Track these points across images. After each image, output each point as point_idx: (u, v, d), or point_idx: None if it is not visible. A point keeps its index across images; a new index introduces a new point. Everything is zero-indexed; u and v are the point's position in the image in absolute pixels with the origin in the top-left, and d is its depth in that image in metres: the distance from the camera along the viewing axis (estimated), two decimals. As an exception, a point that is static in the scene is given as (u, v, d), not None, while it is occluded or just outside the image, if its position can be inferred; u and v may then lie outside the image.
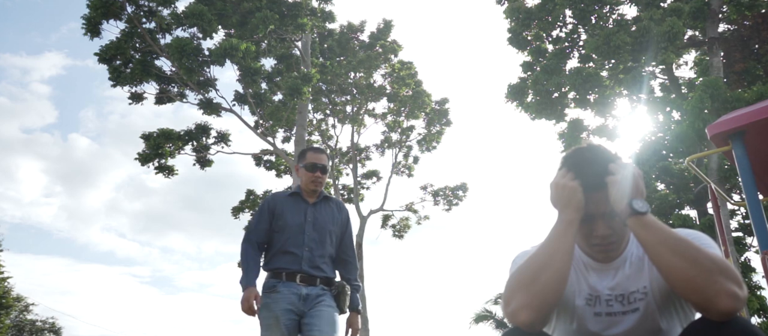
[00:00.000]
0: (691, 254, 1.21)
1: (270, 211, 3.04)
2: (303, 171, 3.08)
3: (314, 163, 3.06)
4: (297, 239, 2.94)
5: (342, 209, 3.16)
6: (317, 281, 2.91)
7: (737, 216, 12.99)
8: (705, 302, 1.18)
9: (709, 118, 8.91)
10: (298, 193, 3.11)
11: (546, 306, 1.27)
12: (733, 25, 12.40)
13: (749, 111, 2.83)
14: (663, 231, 1.26)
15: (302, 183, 3.09)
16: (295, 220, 2.99)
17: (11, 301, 23.06)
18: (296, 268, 2.89)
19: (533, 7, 12.33)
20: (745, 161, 2.80)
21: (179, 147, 12.82)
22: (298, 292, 2.86)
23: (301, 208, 3.05)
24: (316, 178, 3.04)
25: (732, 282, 1.18)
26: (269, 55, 14.10)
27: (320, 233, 2.99)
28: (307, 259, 2.92)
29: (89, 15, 11.48)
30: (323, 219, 3.04)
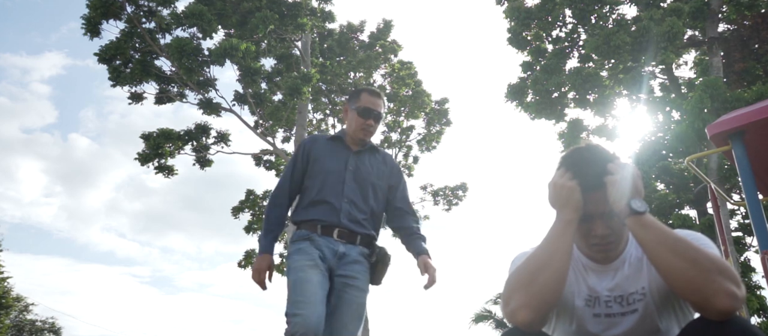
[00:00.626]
0: (690, 254, 1.22)
1: (306, 153, 2.63)
2: (353, 115, 2.63)
3: (369, 109, 2.61)
4: (335, 188, 2.52)
5: (388, 161, 2.74)
6: (357, 239, 2.50)
7: (737, 216, 12.99)
8: (703, 302, 1.19)
9: (708, 118, 8.91)
10: (341, 139, 2.67)
11: (545, 305, 1.28)
12: (732, 25, 12.40)
13: (749, 111, 2.83)
14: (661, 231, 1.26)
15: (349, 128, 2.65)
16: (335, 167, 2.57)
17: (11, 301, 23.06)
18: (334, 220, 2.47)
19: (533, 7, 12.33)
20: (744, 161, 2.80)
21: (179, 147, 12.82)
22: (335, 249, 2.46)
23: (343, 155, 2.63)
24: (367, 126, 2.61)
25: (730, 281, 1.18)
26: (269, 55, 14.10)
27: (361, 186, 2.57)
28: (347, 212, 2.50)
29: (89, 15, 11.48)
30: (366, 170, 2.62)
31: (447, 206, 18.65)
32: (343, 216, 2.48)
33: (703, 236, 1.37)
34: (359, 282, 2.46)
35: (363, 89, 2.69)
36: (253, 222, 14.92)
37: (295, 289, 2.28)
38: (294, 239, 2.49)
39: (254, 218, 14.95)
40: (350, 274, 2.44)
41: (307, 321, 2.19)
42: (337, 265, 2.44)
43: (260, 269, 2.43)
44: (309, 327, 2.18)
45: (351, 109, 2.65)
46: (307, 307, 2.22)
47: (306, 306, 2.22)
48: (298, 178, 2.61)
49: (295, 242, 2.47)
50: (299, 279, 2.30)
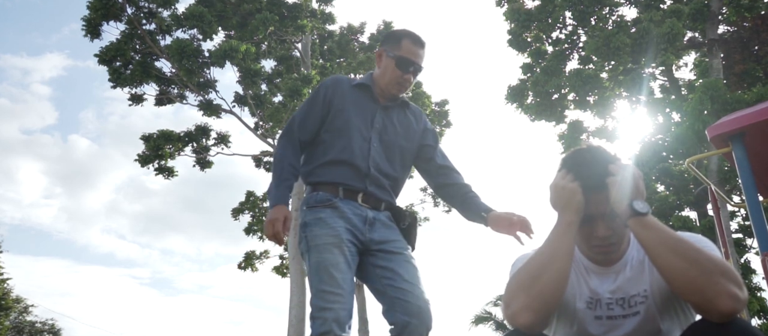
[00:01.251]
0: (692, 255, 1.21)
1: (327, 101, 2.17)
2: (390, 63, 2.16)
3: (409, 60, 2.15)
4: (361, 149, 2.11)
5: (421, 119, 2.32)
6: (382, 206, 2.13)
7: (737, 217, 12.98)
8: (705, 303, 1.19)
9: (709, 119, 8.91)
10: (369, 87, 2.22)
11: (546, 307, 1.28)
12: (732, 26, 12.40)
13: (749, 112, 2.83)
14: (664, 232, 1.26)
15: (381, 78, 2.19)
16: (360, 122, 2.15)
17: (11, 303, 23.05)
18: (359, 185, 2.08)
19: (533, 8, 12.34)
20: (745, 163, 2.80)
21: (179, 148, 12.82)
22: (363, 215, 2.06)
23: (369, 108, 2.19)
24: (404, 80, 2.16)
25: (733, 283, 1.18)
26: (269, 56, 14.11)
27: (388, 148, 2.18)
28: (374, 178, 2.11)
29: (89, 16, 11.50)
30: (394, 130, 2.20)
31: (447, 208, 18.64)
32: (370, 182, 2.10)
33: (705, 239, 1.37)
34: (402, 244, 2.11)
35: (405, 34, 2.20)
36: (253, 223, 14.92)
37: (321, 275, 1.92)
38: (311, 204, 2.07)
39: (254, 220, 14.95)
40: (390, 238, 2.09)
41: (340, 317, 1.88)
42: (369, 231, 2.06)
43: (276, 219, 1.99)
44: (342, 322, 1.88)
45: (387, 56, 2.17)
46: (338, 300, 1.89)
47: (336, 298, 1.89)
48: (313, 126, 2.16)
49: (314, 209, 2.05)
50: (325, 262, 1.93)
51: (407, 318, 1.95)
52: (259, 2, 12.15)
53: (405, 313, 1.96)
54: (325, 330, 1.86)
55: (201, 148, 13.14)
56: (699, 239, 1.35)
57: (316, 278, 1.93)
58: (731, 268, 1.23)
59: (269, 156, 14.70)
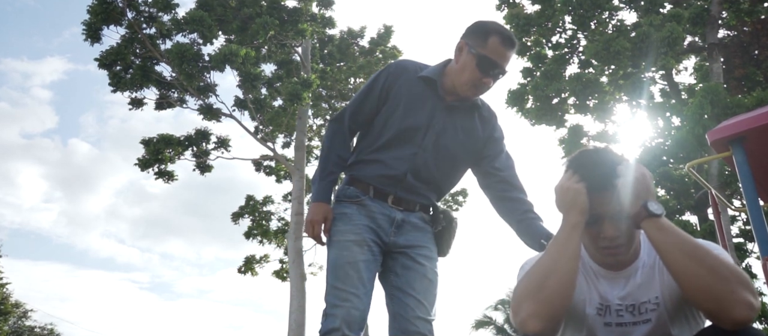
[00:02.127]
0: (709, 261, 1.18)
1: (385, 90, 1.98)
2: (470, 61, 1.90)
3: (494, 61, 1.89)
4: (405, 152, 1.93)
5: (489, 123, 2.06)
6: (417, 207, 1.98)
7: (738, 222, 12.96)
8: (720, 311, 1.16)
9: (709, 123, 8.90)
10: (435, 82, 1.98)
11: (555, 313, 1.25)
12: (732, 31, 12.42)
13: (749, 116, 2.82)
14: (680, 235, 1.22)
15: (458, 77, 1.94)
16: (414, 123, 1.94)
17: (10, 308, 23.02)
18: (391, 190, 1.94)
19: (533, 13, 12.35)
20: (745, 167, 2.79)
21: (179, 152, 12.82)
22: (392, 216, 1.94)
23: (430, 105, 1.96)
24: (484, 84, 1.92)
25: (748, 292, 1.15)
26: (269, 60, 14.13)
27: (439, 155, 1.96)
28: (409, 185, 1.95)
29: (89, 20, 11.51)
30: (454, 136, 1.98)
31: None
32: (402, 188, 1.95)
33: (718, 246, 1.32)
34: (428, 251, 1.97)
35: (495, 29, 1.91)
36: (253, 228, 14.91)
37: (337, 272, 1.85)
38: (340, 197, 1.98)
39: (254, 224, 14.94)
40: (416, 244, 1.96)
41: (351, 316, 1.79)
42: (395, 234, 1.93)
43: (315, 220, 1.90)
44: (353, 323, 1.80)
45: (469, 52, 1.91)
46: (352, 299, 1.81)
47: (350, 297, 1.81)
48: (366, 116, 2.00)
49: (341, 203, 1.96)
50: (343, 259, 1.85)
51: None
52: (260, 6, 12.17)
53: (402, 331, 1.89)
54: (333, 327, 1.79)
55: (201, 152, 13.14)
56: (713, 247, 1.31)
57: (332, 275, 1.86)
58: (746, 276, 1.20)
59: (269, 160, 14.70)
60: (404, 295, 1.91)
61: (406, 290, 1.91)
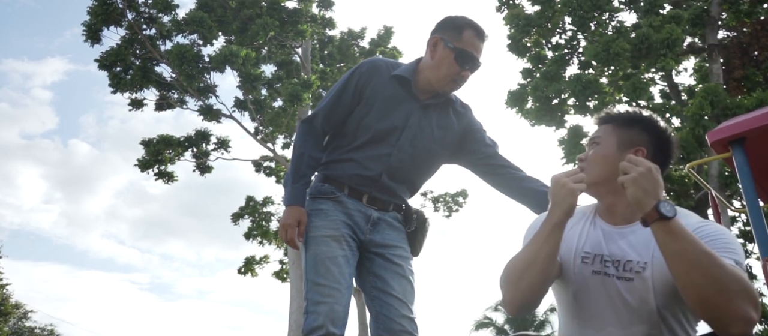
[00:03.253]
0: (713, 272, 1.12)
1: (358, 90, 1.95)
2: (448, 55, 1.89)
3: (471, 54, 1.90)
4: (380, 153, 1.92)
5: (464, 116, 2.06)
6: (390, 206, 1.98)
7: (738, 222, 12.96)
8: (717, 323, 1.14)
9: (709, 124, 8.91)
10: (409, 81, 1.96)
11: (530, 302, 1.35)
12: (732, 31, 12.43)
13: (749, 117, 2.83)
14: (687, 242, 1.15)
15: (435, 72, 1.93)
16: (389, 124, 1.92)
17: (10, 308, 23.02)
18: (365, 189, 1.93)
19: (533, 14, 12.36)
20: (745, 168, 2.79)
21: (179, 153, 12.83)
22: (367, 214, 1.93)
23: (405, 106, 1.95)
24: (462, 77, 1.92)
25: (750, 305, 1.11)
26: (269, 61, 14.14)
27: (415, 155, 1.96)
28: (384, 185, 1.94)
29: (89, 21, 11.53)
30: (430, 134, 1.97)
31: (447, 213, 18.63)
32: (378, 188, 1.94)
33: (731, 237, 1.30)
34: (403, 251, 1.97)
35: (468, 23, 1.93)
36: (253, 228, 14.91)
37: (317, 268, 1.82)
38: (313, 194, 1.95)
39: (254, 224, 14.94)
40: (392, 243, 1.95)
41: (334, 312, 1.78)
42: (371, 231, 1.92)
43: (290, 224, 1.83)
44: (336, 319, 1.78)
45: (445, 46, 1.90)
46: (334, 294, 1.78)
47: (332, 293, 1.78)
48: (340, 117, 1.96)
49: (316, 199, 1.93)
50: (322, 255, 1.83)
51: (387, 335, 1.88)
52: (260, 7, 12.18)
53: (386, 330, 1.88)
54: (318, 325, 1.76)
55: (201, 152, 13.14)
56: (723, 238, 1.28)
57: (312, 271, 1.83)
58: (751, 286, 1.15)
59: (269, 161, 14.70)
60: (386, 296, 1.90)
61: (387, 291, 1.91)
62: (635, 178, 1.20)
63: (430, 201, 18.69)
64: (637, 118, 1.47)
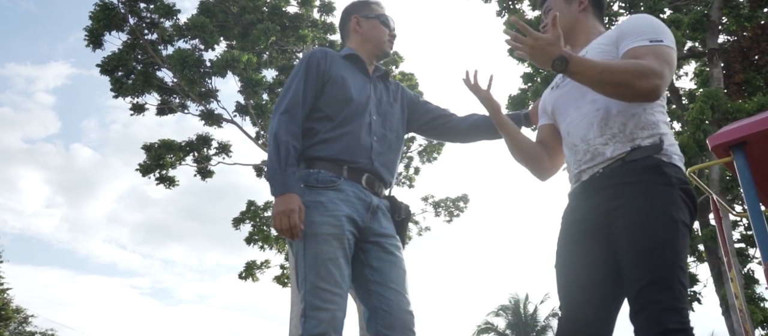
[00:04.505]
0: (613, 78, 1.53)
1: (322, 73, 1.97)
2: (376, 24, 2.11)
3: (388, 16, 2.15)
4: (362, 121, 1.96)
5: (398, 86, 2.23)
6: (383, 191, 1.99)
7: (740, 227, 12.95)
8: (631, 98, 1.57)
9: (709, 128, 8.92)
10: (359, 59, 2.08)
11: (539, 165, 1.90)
12: (732, 36, 12.44)
13: (750, 122, 2.83)
14: (587, 71, 1.55)
15: (369, 43, 2.11)
16: (357, 95, 1.99)
17: (10, 313, 23.00)
18: (364, 162, 1.91)
19: (533, 19, 12.39)
20: (746, 172, 2.79)
21: (180, 158, 12.85)
22: (368, 200, 1.89)
23: (362, 79, 2.06)
24: (392, 37, 2.14)
25: (649, 77, 1.51)
26: (270, 66, 14.17)
27: (385, 120, 2.05)
28: (378, 152, 1.96)
29: (92, 26, 11.57)
30: (388, 100, 2.11)
31: (448, 218, 18.63)
32: (375, 157, 1.94)
33: (641, 22, 1.65)
34: (397, 241, 1.95)
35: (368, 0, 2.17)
36: (254, 233, 14.90)
37: (318, 270, 1.73)
38: (311, 183, 1.84)
39: (255, 229, 14.94)
40: (388, 233, 1.93)
41: (336, 319, 1.72)
42: (371, 219, 1.88)
43: (291, 210, 1.72)
44: (338, 326, 1.73)
45: (368, 19, 2.11)
46: (336, 300, 1.73)
47: (334, 298, 1.72)
48: (310, 101, 1.94)
49: (314, 189, 1.83)
50: (323, 255, 1.75)
51: (388, 332, 1.81)
52: (261, 12, 12.23)
53: (387, 326, 1.82)
54: (319, 332, 1.69)
55: (202, 157, 13.16)
56: (636, 29, 1.63)
57: (313, 272, 1.73)
58: (645, 64, 1.53)
59: (270, 165, 14.70)
60: (384, 289, 1.84)
61: (385, 283, 1.84)
62: (528, 54, 1.63)
63: (431, 206, 18.71)
64: None
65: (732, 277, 3.83)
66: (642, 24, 1.64)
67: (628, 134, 1.61)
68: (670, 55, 1.58)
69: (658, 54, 1.56)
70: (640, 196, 1.52)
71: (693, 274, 12.22)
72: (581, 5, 1.86)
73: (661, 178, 1.53)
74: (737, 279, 5.78)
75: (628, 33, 1.64)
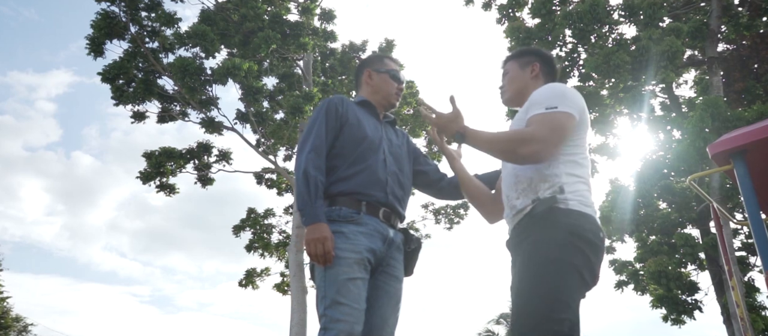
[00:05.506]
0: (498, 147, 1.80)
1: (340, 116, 2.16)
2: (386, 78, 2.33)
3: (399, 72, 2.36)
4: (378, 156, 2.15)
5: (404, 134, 2.46)
6: (398, 223, 2.18)
7: (740, 235, 12.92)
8: (516, 161, 1.80)
9: (709, 136, 8.92)
10: (370, 104, 2.32)
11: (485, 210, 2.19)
12: (732, 44, 12.48)
13: (750, 130, 2.83)
14: (480, 143, 1.84)
15: (379, 94, 2.32)
16: (373, 133, 2.20)
17: (10, 322, 22.91)
18: (380, 196, 2.09)
19: (533, 26, 12.43)
20: (746, 180, 2.80)
21: (181, 165, 12.84)
22: (385, 233, 2.08)
23: (374, 122, 2.28)
24: (400, 90, 2.35)
25: (529, 144, 1.72)
26: (271, 74, 14.20)
27: (398, 162, 2.25)
28: (392, 187, 2.14)
29: (93, 35, 11.60)
30: (398, 143, 2.32)
31: (448, 225, 18.59)
32: (389, 191, 2.12)
33: (538, 96, 1.84)
34: (400, 272, 2.14)
35: (382, 55, 2.45)
36: (254, 241, 14.88)
37: (339, 287, 1.89)
38: (332, 217, 2.02)
39: (255, 237, 14.91)
40: (394, 264, 2.12)
41: (354, 332, 1.86)
42: (386, 251, 2.08)
43: (325, 238, 1.90)
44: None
45: (378, 73, 2.33)
46: (354, 313, 1.87)
47: (352, 312, 1.87)
48: (330, 141, 2.13)
49: (336, 222, 2.01)
50: (344, 274, 1.91)
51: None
52: (262, 20, 12.27)
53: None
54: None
55: (202, 165, 13.16)
56: (533, 102, 1.84)
57: (333, 289, 1.90)
58: (526, 131, 1.74)
59: (271, 173, 14.71)
60: (370, 315, 2.01)
61: (373, 310, 2.02)
62: (435, 126, 1.94)
63: (431, 213, 18.67)
64: (526, 50, 2.14)
65: (733, 286, 3.82)
66: (544, 94, 1.83)
67: (533, 188, 1.79)
68: (559, 120, 1.75)
69: (545, 121, 1.75)
70: (528, 246, 1.68)
71: (694, 283, 12.19)
72: (533, 72, 2.06)
73: (550, 224, 1.68)
74: (738, 287, 5.75)
75: (533, 103, 1.85)
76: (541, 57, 2.11)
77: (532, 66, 2.07)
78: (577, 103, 1.82)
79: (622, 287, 13.31)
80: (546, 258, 1.62)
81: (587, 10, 10.83)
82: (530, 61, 2.09)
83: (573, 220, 1.67)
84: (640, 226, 12.65)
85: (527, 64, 2.09)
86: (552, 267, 1.60)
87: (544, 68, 2.09)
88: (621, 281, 13.26)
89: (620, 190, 13.32)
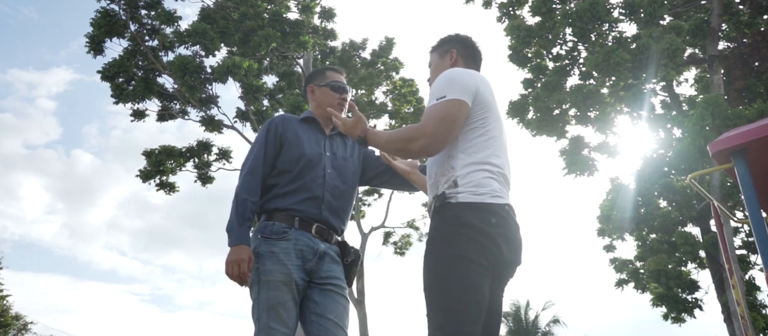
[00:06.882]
0: (393, 146, 1.84)
1: (279, 136, 2.28)
2: (326, 91, 2.38)
3: (341, 82, 2.41)
4: (316, 175, 2.24)
5: (355, 145, 2.50)
6: (333, 238, 2.27)
7: (741, 233, 12.92)
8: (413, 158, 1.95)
9: (710, 135, 8.91)
10: (315, 121, 2.40)
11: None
12: (732, 42, 12.46)
13: (751, 128, 2.82)
14: (378, 143, 1.89)
15: (323, 107, 2.37)
16: (313, 152, 2.28)
17: (9, 320, 22.93)
18: (315, 213, 2.20)
19: (533, 25, 12.41)
20: (747, 178, 2.79)
21: (181, 164, 12.84)
22: (315, 247, 2.17)
23: (318, 139, 2.36)
24: (343, 100, 2.38)
25: (419, 140, 1.75)
26: (271, 72, 14.19)
27: (341, 175, 2.32)
28: (328, 203, 2.23)
29: (93, 33, 11.59)
30: (343, 154, 2.39)
31: (449, 223, 18.58)
32: (325, 207, 2.22)
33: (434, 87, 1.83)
34: (341, 281, 2.23)
35: (325, 67, 2.49)
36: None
37: (269, 313, 2.04)
38: (265, 233, 2.14)
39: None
40: (334, 275, 2.21)
41: None
42: (317, 264, 2.17)
43: (241, 260, 2.03)
44: None
45: (319, 87, 2.41)
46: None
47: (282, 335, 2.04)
48: (269, 163, 2.25)
49: (268, 240, 2.12)
50: (274, 300, 2.05)
51: None
52: (262, 19, 12.25)
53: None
54: None
55: (202, 163, 13.16)
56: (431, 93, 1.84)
57: (265, 315, 2.04)
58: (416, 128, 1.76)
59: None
60: (324, 320, 2.13)
61: (325, 315, 2.14)
62: (342, 131, 2.01)
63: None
64: (445, 38, 2.13)
65: (733, 284, 3.81)
66: (436, 84, 1.84)
67: (436, 184, 1.83)
68: (446, 110, 1.75)
69: (431, 113, 1.76)
70: (427, 243, 1.76)
71: (694, 281, 12.18)
72: (451, 58, 2.07)
73: (441, 220, 1.73)
74: (739, 286, 5.75)
75: (430, 94, 1.87)
76: (458, 42, 2.11)
77: (450, 53, 2.08)
78: (468, 86, 1.80)
79: (622, 285, 13.32)
80: (435, 254, 1.70)
81: (587, 8, 10.81)
82: (448, 49, 2.10)
83: (458, 213, 1.71)
84: (641, 225, 12.65)
85: (446, 52, 2.10)
86: (443, 262, 1.66)
87: (461, 52, 2.08)
88: (621, 279, 13.27)
89: (620, 188, 13.32)
